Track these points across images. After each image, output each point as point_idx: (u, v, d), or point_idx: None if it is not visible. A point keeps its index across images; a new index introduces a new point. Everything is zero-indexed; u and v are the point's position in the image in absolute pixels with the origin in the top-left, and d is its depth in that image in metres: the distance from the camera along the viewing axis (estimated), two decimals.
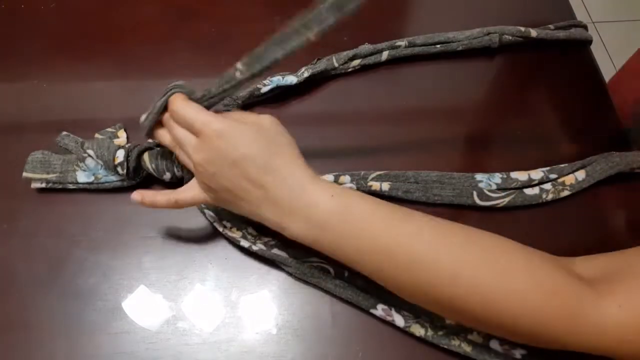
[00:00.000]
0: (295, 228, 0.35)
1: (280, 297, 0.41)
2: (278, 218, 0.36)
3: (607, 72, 0.54)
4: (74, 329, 0.40)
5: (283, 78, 0.50)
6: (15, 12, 0.58)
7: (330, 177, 0.45)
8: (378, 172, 0.45)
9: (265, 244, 0.41)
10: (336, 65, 0.52)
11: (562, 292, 0.32)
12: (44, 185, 0.45)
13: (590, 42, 0.56)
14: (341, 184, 0.45)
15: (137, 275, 0.42)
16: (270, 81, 0.49)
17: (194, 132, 0.37)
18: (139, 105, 0.51)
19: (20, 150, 0.49)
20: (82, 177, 0.45)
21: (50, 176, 0.45)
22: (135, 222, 0.45)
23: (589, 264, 0.36)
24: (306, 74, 0.50)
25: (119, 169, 0.43)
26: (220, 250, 0.43)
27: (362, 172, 0.45)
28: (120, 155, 0.43)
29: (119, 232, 0.44)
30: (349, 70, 0.53)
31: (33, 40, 0.56)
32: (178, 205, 0.40)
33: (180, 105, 0.38)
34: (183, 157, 0.40)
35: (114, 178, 0.44)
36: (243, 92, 0.49)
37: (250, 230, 0.42)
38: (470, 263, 0.33)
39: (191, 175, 0.40)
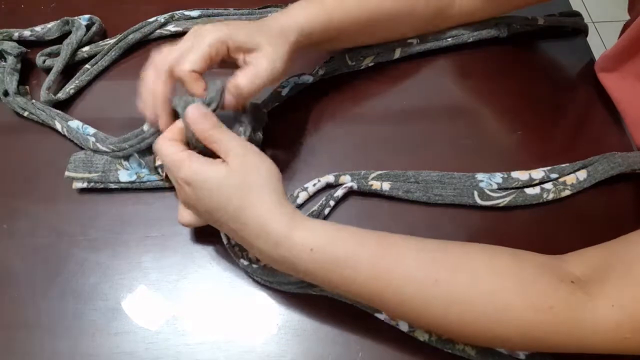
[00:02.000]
0: (282, 270, 0.36)
1: (280, 297, 0.41)
2: (262, 260, 0.37)
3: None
4: (74, 329, 0.40)
5: (299, 78, 0.50)
6: (15, 12, 0.58)
7: (330, 177, 0.45)
8: (379, 172, 0.45)
9: (263, 267, 0.41)
10: (349, 63, 0.52)
11: (556, 305, 0.32)
12: (85, 185, 0.45)
13: (586, 32, 0.57)
14: (342, 183, 0.45)
15: (137, 275, 0.42)
16: (288, 82, 0.50)
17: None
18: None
19: (20, 151, 0.49)
20: (125, 177, 0.45)
21: (92, 175, 0.45)
22: (135, 222, 0.44)
23: (580, 260, 0.36)
24: (321, 72, 0.51)
25: (159, 170, 0.44)
26: (220, 250, 0.43)
27: (363, 172, 0.45)
28: None
29: (119, 232, 0.44)
30: (362, 67, 0.53)
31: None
32: (186, 225, 0.41)
33: (161, 143, 0.37)
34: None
35: (155, 177, 0.45)
36: (265, 97, 0.49)
37: (250, 255, 0.42)
38: (461, 295, 0.33)
39: None
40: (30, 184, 0.47)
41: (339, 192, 0.44)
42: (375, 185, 0.45)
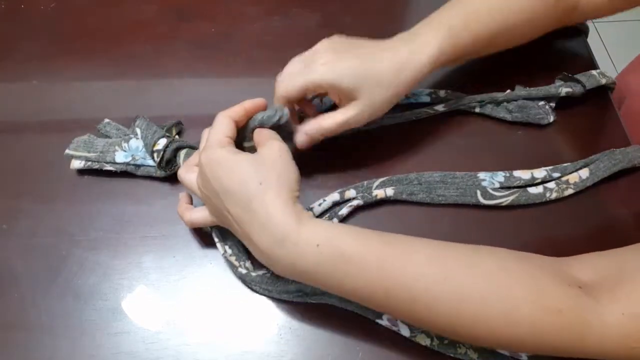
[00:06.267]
0: (282, 271, 0.35)
1: None
2: (260, 258, 0.36)
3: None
4: (74, 329, 0.40)
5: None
6: (15, 12, 0.58)
7: (336, 195, 0.44)
8: (381, 179, 0.45)
9: (262, 275, 0.40)
10: None
11: (565, 309, 0.32)
12: (82, 164, 0.45)
13: (587, 33, 0.57)
14: (347, 199, 0.44)
15: (137, 275, 0.42)
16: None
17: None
18: (139, 105, 0.51)
19: (20, 151, 0.49)
20: (121, 157, 0.45)
21: (91, 154, 0.45)
22: (135, 222, 0.44)
23: (586, 266, 0.36)
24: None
25: (155, 155, 0.44)
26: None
27: (366, 182, 0.45)
28: (161, 143, 0.44)
29: (119, 232, 0.44)
30: None
31: (33, 40, 0.56)
32: (192, 225, 0.41)
33: (222, 114, 0.38)
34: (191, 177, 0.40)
35: (150, 162, 0.45)
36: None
37: (247, 264, 0.42)
38: (473, 295, 0.32)
39: None
40: (30, 184, 0.46)
41: (344, 211, 0.44)
42: (380, 194, 0.44)
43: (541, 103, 0.50)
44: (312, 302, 0.40)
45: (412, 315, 0.34)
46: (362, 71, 0.40)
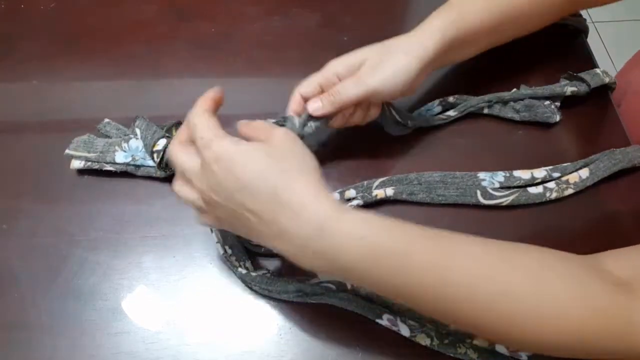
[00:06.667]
0: (318, 268, 0.32)
1: None
2: (294, 256, 0.32)
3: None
4: (74, 329, 0.40)
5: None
6: (15, 12, 0.58)
7: (336, 195, 0.44)
8: (381, 179, 0.45)
9: (262, 275, 0.40)
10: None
11: (608, 307, 0.31)
12: (82, 164, 0.45)
13: (586, 33, 0.57)
14: (347, 198, 0.44)
15: (137, 275, 0.42)
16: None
17: (198, 150, 0.33)
18: (139, 105, 0.51)
19: (20, 151, 0.49)
20: (120, 157, 0.45)
21: (91, 155, 0.45)
22: (135, 222, 0.44)
23: (619, 262, 0.35)
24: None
25: (155, 155, 0.44)
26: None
27: (366, 182, 0.45)
28: (160, 143, 0.44)
29: (119, 232, 0.44)
30: None
31: (33, 40, 0.56)
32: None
33: (196, 114, 0.33)
34: (186, 190, 0.35)
35: (149, 162, 0.45)
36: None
37: (247, 264, 0.42)
38: (521, 295, 0.31)
39: None
40: (30, 184, 0.46)
41: None
42: (380, 194, 0.44)
43: (547, 102, 0.50)
44: (312, 302, 0.40)
45: (458, 316, 0.32)
46: (367, 48, 0.43)
